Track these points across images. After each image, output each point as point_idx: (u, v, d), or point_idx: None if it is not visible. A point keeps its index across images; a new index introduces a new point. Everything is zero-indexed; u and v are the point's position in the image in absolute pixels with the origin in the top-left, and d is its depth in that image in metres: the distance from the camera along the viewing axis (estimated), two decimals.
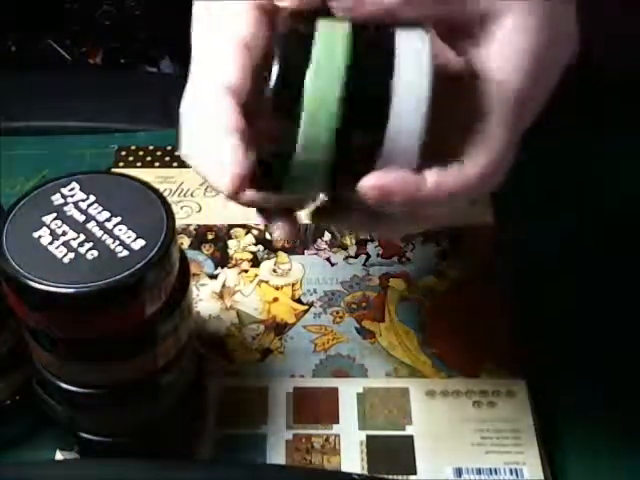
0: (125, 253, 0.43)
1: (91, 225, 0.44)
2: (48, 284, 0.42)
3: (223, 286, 0.61)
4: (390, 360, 0.57)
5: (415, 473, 0.52)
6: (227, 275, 0.62)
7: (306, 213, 0.42)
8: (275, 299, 0.60)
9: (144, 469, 0.48)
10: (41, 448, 0.52)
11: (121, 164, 0.69)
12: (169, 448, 0.51)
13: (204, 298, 0.60)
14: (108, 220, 0.44)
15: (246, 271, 0.62)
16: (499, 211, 0.64)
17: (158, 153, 0.70)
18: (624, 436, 0.54)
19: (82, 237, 0.44)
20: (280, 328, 0.59)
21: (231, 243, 0.64)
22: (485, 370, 0.56)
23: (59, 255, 0.43)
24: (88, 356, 0.45)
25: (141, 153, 0.70)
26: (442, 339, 0.58)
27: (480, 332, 0.58)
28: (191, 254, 0.62)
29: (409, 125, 0.36)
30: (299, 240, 0.63)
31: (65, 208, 0.45)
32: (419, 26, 0.37)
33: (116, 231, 0.44)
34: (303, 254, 0.63)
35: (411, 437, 0.53)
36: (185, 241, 0.63)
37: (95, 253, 0.43)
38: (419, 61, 0.36)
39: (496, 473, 0.52)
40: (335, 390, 0.55)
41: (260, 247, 0.63)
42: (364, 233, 0.62)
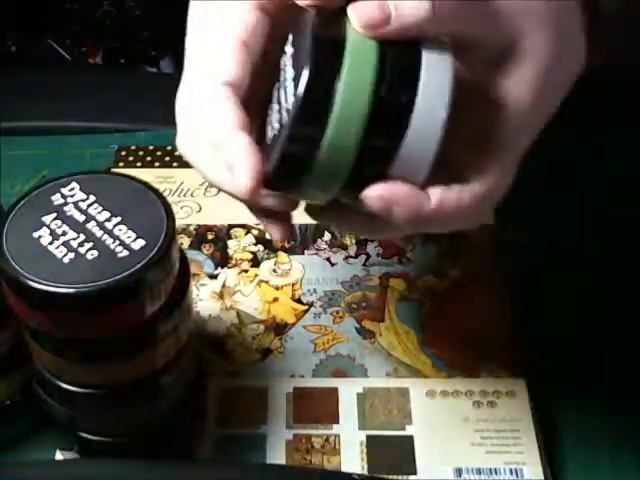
0: (125, 253, 0.43)
1: (91, 225, 0.44)
2: (48, 284, 0.42)
3: (223, 286, 0.61)
4: (390, 360, 0.57)
5: (415, 473, 0.52)
6: (227, 275, 0.62)
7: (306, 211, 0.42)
8: (275, 299, 0.60)
9: (144, 469, 0.48)
10: (41, 448, 0.52)
11: (121, 164, 0.69)
12: (169, 448, 0.51)
13: (204, 298, 0.60)
14: (108, 220, 0.44)
15: (246, 271, 0.62)
16: (499, 212, 0.64)
17: (158, 153, 0.70)
18: (624, 436, 0.54)
19: (82, 237, 0.44)
20: (280, 328, 0.59)
21: (231, 243, 0.64)
22: (485, 370, 0.56)
23: (59, 255, 0.43)
24: (88, 356, 0.45)
25: (141, 153, 0.70)
26: (442, 339, 0.58)
27: (480, 332, 0.58)
28: (191, 254, 0.62)
29: (424, 142, 0.36)
30: (297, 240, 0.64)
31: (65, 208, 0.45)
32: (444, 45, 0.37)
33: (116, 231, 0.44)
34: (303, 254, 0.63)
35: (411, 437, 0.53)
36: (185, 241, 0.63)
37: (95, 253, 0.43)
38: (442, 84, 0.36)
39: (496, 473, 0.52)
40: (335, 390, 0.55)
41: (260, 247, 0.63)
42: (364, 235, 0.62)
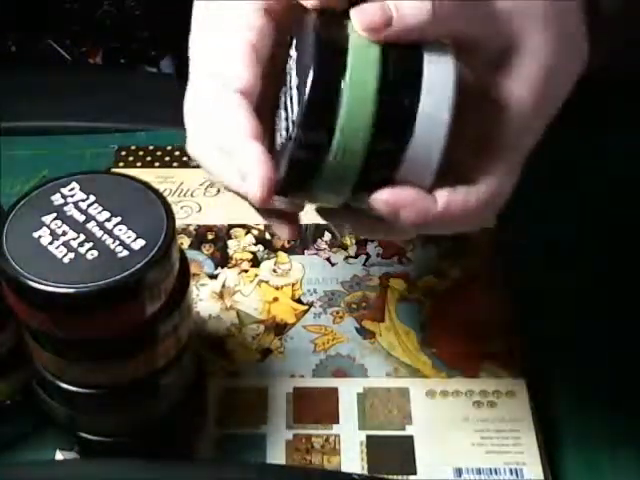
0: (125, 253, 0.43)
1: (91, 225, 0.44)
2: (48, 284, 0.42)
3: (223, 286, 0.61)
4: (390, 360, 0.57)
5: (415, 473, 0.52)
6: (227, 275, 0.62)
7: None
8: (275, 299, 0.60)
9: (144, 469, 0.48)
10: (41, 448, 0.52)
11: (121, 164, 0.69)
12: (169, 448, 0.51)
13: (204, 298, 0.60)
14: (108, 220, 0.44)
15: (246, 271, 0.62)
16: (501, 213, 0.64)
17: (158, 153, 0.70)
18: (624, 436, 0.54)
19: (82, 237, 0.44)
20: (280, 328, 0.59)
21: (231, 243, 0.64)
22: (485, 370, 0.56)
23: (59, 255, 0.43)
24: (88, 356, 0.45)
25: (141, 153, 0.70)
26: (442, 339, 0.58)
27: (480, 332, 0.58)
28: (191, 254, 0.62)
29: (429, 144, 0.36)
30: (299, 240, 0.64)
31: (65, 208, 0.45)
32: (446, 47, 0.37)
33: (116, 231, 0.44)
34: (303, 254, 0.63)
35: (411, 437, 0.53)
36: (185, 241, 0.63)
37: (95, 253, 0.43)
38: (445, 85, 0.36)
39: (496, 473, 0.52)
40: (335, 390, 0.55)
41: (260, 247, 0.63)
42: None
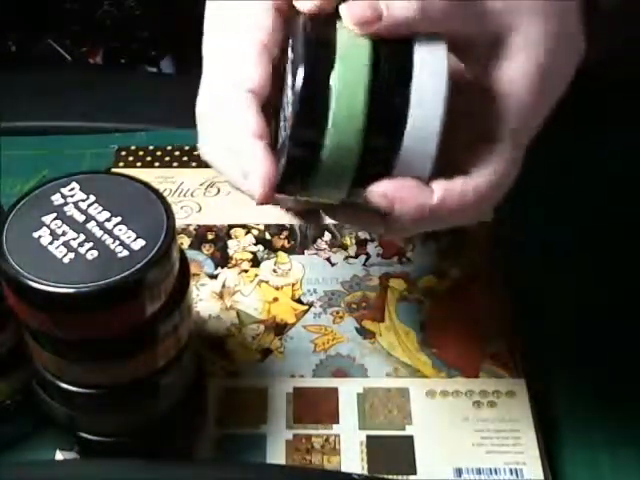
0: (125, 253, 0.43)
1: (91, 225, 0.44)
2: (48, 284, 0.42)
3: (223, 286, 0.61)
4: (390, 360, 0.57)
5: (415, 473, 0.52)
6: (227, 275, 0.62)
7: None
8: (275, 299, 0.60)
9: (144, 469, 0.48)
10: (41, 448, 0.52)
11: (121, 164, 0.69)
12: (169, 448, 0.51)
13: (204, 298, 0.60)
14: (108, 220, 0.44)
15: (246, 271, 0.62)
16: (498, 210, 0.64)
17: (158, 153, 0.70)
18: (624, 436, 0.54)
19: (82, 237, 0.44)
20: (280, 328, 0.59)
21: (231, 243, 0.64)
22: (485, 370, 0.56)
23: (59, 255, 0.43)
24: (88, 356, 0.45)
25: (141, 153, 0.70)
26: (442, 339, 0.58)
27: (480, 332, 0.58)
28: (191, 254, 0.62)
29: (424, 138, 0.37)
30: (297, 240, 0.64)
31: (65, 208, 0.45)
32: (438, 39, 0.37)
33: (116, 231, 0.44)
34: (303, 254, 0.63)
35: (411, 437, 0.53)
36: (185, 241, 0.63)
37: (95, 253, 0.43)
38: (437, 79, 0.36)
39: (496, 473, 0.52)
40: (335, 390, 0.55)
41: (260, 247, 0.63)
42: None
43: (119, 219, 0.44)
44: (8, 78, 0.74)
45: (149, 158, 0.70)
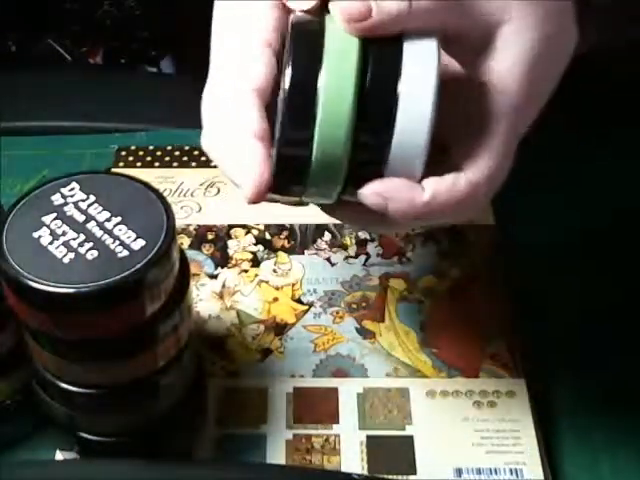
0: (125, 253, 0.43)
1: (91, 225, 0.44)
2: (48, 284, 0.42)
3: (223, 286, 0.61)
4: (390, 360, 0.57)
5: (415, 473, 0.52)
6: (227, 275, 0.62)
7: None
8: (275, 299, 0.60)
9: (144, 469, 0.48)
10: (41, 448, 0.52)
11: (121, 164, 0.69)
12: (169, 448, 0.51)
13: (204, 298, 0.60)
14: (108, 220, 0.44)
15: (246, 271, 0.62)
16: (500, 212, 0.64)
17: (158, 153, 0.70)
18: (624, 436, 0.54)
19: (82, 237, 0.44)
20: (280, 328, 0.59)
21: (231, 243, 0.64)
22: (485, 370, 0.56)
23: (59, 255, 0.43)
24: (88, 356, 0.45)
25: (141, 153, 0.70)
26: (442, 339, 0.58)
27: (480, 332, 0.58)
28: (191, 254, 0.62)
29: (414, 135, 0.37)
30: (297, 240, 0.64)
31: (65, 208, 0.45)
32: (429, 37, 0.37)
33: (116, 231, 0.44)
34: (303, 254, 0.63)
35: (411, 437, 0.53)
36: (185, 241, 0.63)
37: (95, 253, 0.43)
38: (427, 75, 0.36)
39: (496, 473, 0.52)
40: (335, 390, 0.55)
41: (260, 247, 0.63)
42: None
43: (119, 219, 0.44)
44: (8, 78, 0.74)
45: (149, 158, 0.70)
